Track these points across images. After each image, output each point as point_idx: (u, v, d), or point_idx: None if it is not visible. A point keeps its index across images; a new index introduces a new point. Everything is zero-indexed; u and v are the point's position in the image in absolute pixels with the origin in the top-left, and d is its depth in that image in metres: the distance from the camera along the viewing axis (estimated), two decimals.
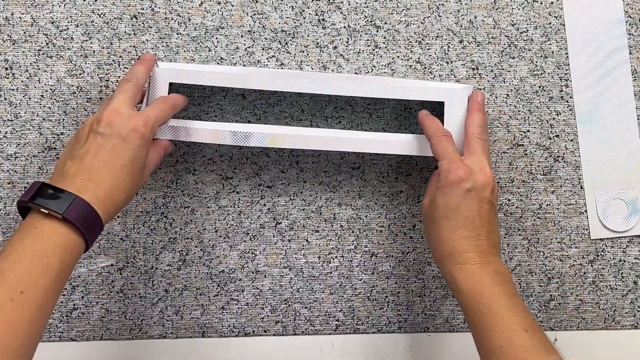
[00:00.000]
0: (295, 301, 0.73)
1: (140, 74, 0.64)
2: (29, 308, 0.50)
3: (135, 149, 0.58)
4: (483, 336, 0.57)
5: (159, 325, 0.72)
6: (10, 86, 0.71)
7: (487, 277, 0.58)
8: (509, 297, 0.58)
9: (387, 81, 0.68)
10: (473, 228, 0.60)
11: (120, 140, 0.58)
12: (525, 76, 0.75)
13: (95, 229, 0.55)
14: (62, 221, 0.53)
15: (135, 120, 0.59)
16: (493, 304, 0.57)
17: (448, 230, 0.60)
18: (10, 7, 0.71)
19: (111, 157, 0.57)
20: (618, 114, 0.76)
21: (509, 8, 0.75)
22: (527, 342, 0.55)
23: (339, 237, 0.74)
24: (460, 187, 0.60)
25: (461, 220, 0.60)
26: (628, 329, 0.75)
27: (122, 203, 0.58)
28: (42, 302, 0.51)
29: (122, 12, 0.72)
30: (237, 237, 0.73)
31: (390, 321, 0.74)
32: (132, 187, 0.59)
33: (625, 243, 0.75)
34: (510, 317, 0.57)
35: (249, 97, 0.73)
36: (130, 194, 0.59)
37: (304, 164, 0.73)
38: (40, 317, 0.50)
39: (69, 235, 0.53)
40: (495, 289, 0.58)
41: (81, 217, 0.54)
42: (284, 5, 0.73)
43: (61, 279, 0.53)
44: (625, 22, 0.76)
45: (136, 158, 0.58)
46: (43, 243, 0.52)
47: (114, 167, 0.57)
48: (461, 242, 0.60)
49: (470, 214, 0.60)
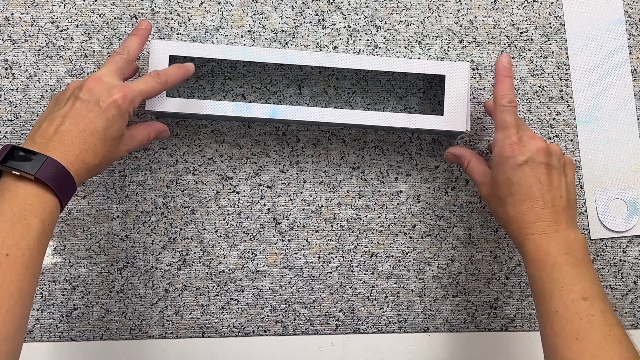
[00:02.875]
0: (295, 301, 0.73)
1: (132, 46, 0.65)
2: (15, 269, 0.51)
3: (110, 117, 0.58)
4: (541, 301, 0.58)
5: (159, 325, 0.72)
6: (10, 86, 0.71)
7: (554, 246, 0.59)
8: (573, 266, 0.58)
9: (389, 59, 0.69)
10: (535, 198, 0.60)
11: (96, 106, 0.58)
12: (525, 76, 0.75)
13: (68, 188, 0.56)
14: (35, 182, 0.54)
15: (114, 90, 0.59)
16: (554, 272, 0.57)
17: (514, 205, 0.61)
18: (10, 7, 0.71)
19: (84, 121, 0.58)
20: (618, 114, 0.76)
21: (509, 8, 0.75)
22: (584, 310, 0.55)
23: (339, 237, 0.74)
24: (516, 159, 0.61)
25: (524, 193, 0.61)
26: (628, 329, 0.75)
27: (93, 168, 0.58)
28: (27, 261, 0.52)
29: (122, 12, 0.72)
30: (237, 237, 0.73)
31: (390, 321, 0.74)
32: (104, 155, 0.59)
33: (625, 243, 0.75)
34: (570, 285, 0.57)
35: (254, 94, 0.73)
36: (101, 160, 0.59)
37: (304, 164, 0.73)
38: (29, 275, 0.52)
39: (43, 195, 0.54)
40: (560, 259, 0.58)
41: (53, 177, 0.54)
42: (284, 5, 0.73)
43: (43, 238, 0.54)
44: (625, 22, 0.76)
45: (109, 127, 0.58)
46: (20, 205, 0.53)
47: (84, 131, 0.57)
48: (528, 214, 0.60)
49: (530, 184, 0.61)
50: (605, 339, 0.54)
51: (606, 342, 0.54)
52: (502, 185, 0.62)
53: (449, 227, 0.74)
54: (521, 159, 0.61)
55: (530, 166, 0.61)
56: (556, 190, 0.61)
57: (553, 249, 0.59)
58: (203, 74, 0.73)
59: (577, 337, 0.54)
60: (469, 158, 0.68)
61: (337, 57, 0.68)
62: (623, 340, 0.54)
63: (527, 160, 0.61)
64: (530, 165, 0.61)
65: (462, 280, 0.75)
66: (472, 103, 0.74)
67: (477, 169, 0.66)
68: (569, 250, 0.59)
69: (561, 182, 0.62)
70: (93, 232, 0.72)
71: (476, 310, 0.75)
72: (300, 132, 0.73)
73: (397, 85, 0.74)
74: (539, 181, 0.61)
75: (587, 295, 0.56)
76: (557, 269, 0.58)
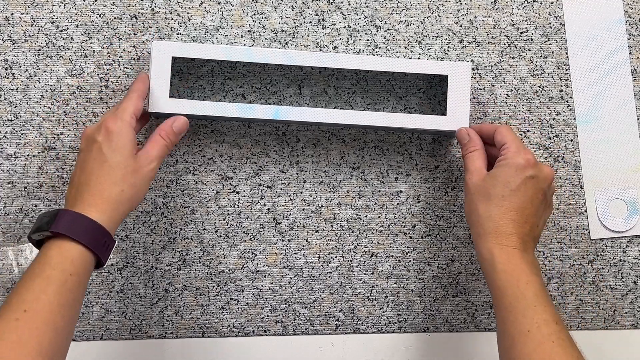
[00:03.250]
0: (295, 301, 0.73)
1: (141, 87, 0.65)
2: (34, 325, 0.50)
3: (110, 143, 0.59)
4: (511, 320, 0.57)
5: (159, 325, 0.72)
6: (10, 86, 0.71)
7: (526, 265, 0.59)
8: (543, 289, 0.58)
9: (390, 59, 0.69)
10: (523, 214, 0.60)
11: (93, 144, 0.59)
12: (525, 76, 0.75)
13: (89, 231, 0.56)
14: (56, 237, 0.55)
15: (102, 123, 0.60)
16: (529, 290, 0.57)
17: (501, 209, 0.60)
18: (10, 7, 0.71)
19: (89, 162, 0.59)
20: (618, 114, 0.76)
21: (509, 8, 0.75)
22: (555, 333, 0.55)
23: (339, 237, 0.74)
24: (526, 171, 0.61)
25: (515, 203, 0.60)
26: (628, 329, 0.75)
27: (117, 196, 0.58)
28: (47, 316, 0.51)
29: (122, 12, 0.72)
30: (237, 237, 0.73)
31: (390, 321, 0.74)
32: (125, 179, 0.59)
33: (625, 243, 0.75)
34: (543, 307, 0.56)
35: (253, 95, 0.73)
36: (127, 187, 0.59)
37: (304, 164, 0.73)
38: (50, 331, 0.51)
39: (62, 245, 0.54)
40: (532, 278, 0.58)
41: (68, 225, 0.55)
42: (284, 5, 0.73)
43: (66, 289, 0.53)
44: (625, 22, 0.76)
45: (114, 151, 0.59)
46: (40, 261, 0.54)
47: (93, 169, 0.58)
48: (509, 224, 0.60)
49: (525, 199, 0.61)
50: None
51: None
52: (498, 184, 0.61)
53: (449, 227, 0.74)
54: (530, 172, 0.61)
55: (533, 184, 0.61)
56: (539, 219, 0.62)
57: (525, 267, 0.58)
58: (203, 74, 0.73)
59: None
60: (478, 146, 0.66)
61: (337, 57, 0.68)
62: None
63: (534, 177, 0.61)
64: (534, 183, 0.61)
65: (462, 280, 0.75)
66: (472, 103, 0.74)
67: (478, 159, 0.65)
68: (537, 273, 0.59)
69: (544, 216, 0.63)
70: None
71: (476, 310, 0.75)
72: (300, 132, 0.73)
73: (397, 85, 0.74)
74: (532, 202, 0.61)
75: (557, 320, 0.56)
76: (531, 287, 0.57)
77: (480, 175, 0.63)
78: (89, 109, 0.72)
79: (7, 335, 0.49)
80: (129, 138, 0.60)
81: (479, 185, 0.63)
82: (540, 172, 0.61)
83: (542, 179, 0.62)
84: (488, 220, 0.61)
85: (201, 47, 0.67)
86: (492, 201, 0.61)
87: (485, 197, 0.62)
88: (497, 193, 0.61)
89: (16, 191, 0.71)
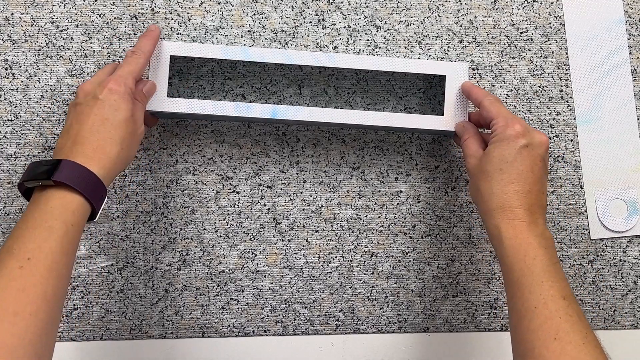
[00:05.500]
0: (295, 301, 0.73)
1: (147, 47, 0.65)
2: (38, 272, 0.51)
3: (113, 103, 0.59)
4: (518, 295, 0.56)
5: (159, 325, 0.72)
6: (10, 86, 0.71)
7: (534, 238, 0.57)
8: (552, 262, 0.57)
9: (389, 59, 0.69)
10: (525, 184, 0.59)
11: (95, 100, 0.60)
12: (525, 76, 0.75)
13: (89, 183, 0.56)
14: (57, 186, 0.55)
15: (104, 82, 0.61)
16: (536, 266, 0.56)
17: (501, 183, 0.60)
18: (10, 7, 0.71)
19: (90, 116, 0.59)
20: (618, 114, 0.76)
21: (509, 8, 0.75)
22: (563, 309, 0.54)
23: (339, 237, 0.74)
24: (518, 141, 0.60)
25: (515, 174, 0.59)
26: (628, 329, 0.75)
27: (117, 157, 0.59)
28: (51, 264, 0.51)
29: (122, 12, 0.72)
30: (237, 237, 0.73)
31: (390, 321, 0.74)
32: (124, 139, 0.60)
33: (625, 243, 0.75)
34: (550, 282, 0.55)
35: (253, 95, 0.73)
36: (124, 147, 0.60)
37: (304, 164, 0.73)
38: (53, 278, 0.51)
39: (64, 196, 0.55)
40: (540, 252, 0.57)
41: (71, 176, 0.55)
42: (284, 5, 0.73)
43: (68, 239, 0.54)
44: (625, 22, 0.76)
45: (116, 110, 0.59)
46: (41, 210, 0.54)
47: (94, 124, 0.59)
48: (513, 197, 0.59)
49: (524, 168, 0.60)
50: (584, 342, 0.53)
51: (584, 345, 0.52)
52: (494, 160, 0.60)
53: (449, 227, 0.74)
54: (522, 141, 0.60)
55: (528, 152, 0.60)
56: (543, 186, 0.61)
57: (533, 240, 0.57)
58: (203, 74, 0.73)
59: (556, 336, 0.53)
60: (471, 133, 0.66)
61: (337, 57, 0.68)
62: (598, 345, 0.53)
63: (527, 145, 0.60)
64: (528, 151, 0.60)
65: (462, 280, 0.75)
66: None
67: (473, 144, 0.65)
68: (547, 245, 0.58)
69: (546, 180, 0.62)
70: (93, 232, 0.72)
71: (476, 310, 0.75)
72: (300, 132, 0.73)
73: (397, 85, 0.74)
74: (532, 170, 0.60)
75: (565, 294, 0.55)
76: (539, 262, 0.56)
77: (477, 157, 0.63)
78: None
79: (13, 283, 0.49)
80: (129, 101, 0.61)
81: (477, 166, 0.63)
82: (532, 139, 0.61)
83: (537, 145, 0.61)
84: (491, 197, 0.60)
85: (200, 46, 0.67)
86: (491, 177, 0.60)
87: (484, 175, 0.61)
88: (495, 168, 0.60)
89: (16, 191, 0.71)
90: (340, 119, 0.68)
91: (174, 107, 0.66)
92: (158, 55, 0.66)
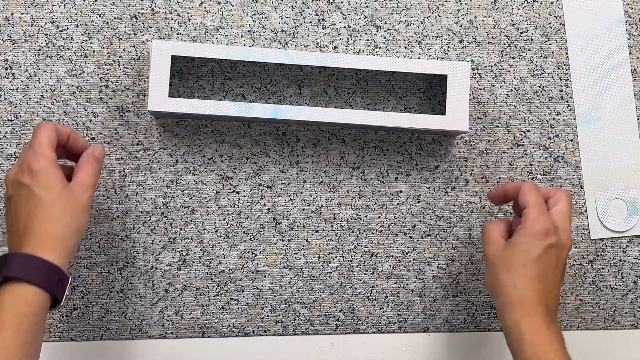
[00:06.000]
0: (295, 301, 0.73)
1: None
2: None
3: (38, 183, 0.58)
4: None
5: (159, 325, 0.72)
6: (10, 86, 0.71)
7: (555, 337, 0.58)
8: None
9: (389, 59, 0.69)
10: (547, 283, 0.60)
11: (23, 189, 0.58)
12: (525, 76, 0.75)
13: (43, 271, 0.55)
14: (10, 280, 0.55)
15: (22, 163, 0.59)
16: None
17: (524, 278, 0.59)
18: (10, 7, 0.71)
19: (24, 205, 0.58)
20: (618, 114, 0.76)
21: (509, 8, 0.75)
22: None
23: (339, 237, 0.74)
24: (546, 240, 0.59)
25: (537, 272, 0.59)
26: (628, 329, 0.75)
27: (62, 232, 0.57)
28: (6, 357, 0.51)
29: (122, 12, 0.72)
30: (237, 237, 0.73)
31: (390, 321, 0.74)
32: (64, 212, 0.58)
33: (625, 243, 0.75)
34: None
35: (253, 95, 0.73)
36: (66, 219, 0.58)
37: (304, 164, 0.73)
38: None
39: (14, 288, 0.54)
40: (561, 353, 0.57)
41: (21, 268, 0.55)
42: (284, 5, 0.73)
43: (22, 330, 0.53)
44: (625, 22, 0.76)
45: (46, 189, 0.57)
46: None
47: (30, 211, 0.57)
48: (535, 295, 0.59)
49: (547, 268, 0.60)
50: None
51: None
52: (519, 253, 0.60)
53: (449, 227, 0.74)
54: (550, 240, 0.60)
55: (555, 252, 0.60)
56: (559, 288, 0.61)
57: (554, 340, 0.58)
58: (203, 74, 0.73)
59: None
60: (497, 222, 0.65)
61: (337, 57, 0.68)
62: None
63: (554, 245, 0.60)
64: (555, 252, 0.60)
65: (462, 280, 0.75)
66: (472, 103, 0.74)
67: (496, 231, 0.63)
68: (563, 345, 0.58)
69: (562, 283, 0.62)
70: (93, 232, 0.72)
71: (476, 310, 0.75)
72: (300, 132, 0.73)
73: (397, 85, 0.74)
74: (554, 272, 0.60)
75: None
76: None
77: (498, 246, 0.62)
78: (89, 109, 0.72)
79: None
80: (55, 172, 0.58)
81: (499, 255, 0.61)
82: (559, 240, 0.60)
83: (561, 247, 0.61)
84: (513, 290, 0.59)
85: (200, 46, 0.67)
86: (514, 270, 0.60)
87: (507, 266, 0.60)
88: (519, 262, 0.60)
89: None
90: (340, 118, 0.68)
91: (175, 107, 0.66)
92: (158, 55, 0.66)
